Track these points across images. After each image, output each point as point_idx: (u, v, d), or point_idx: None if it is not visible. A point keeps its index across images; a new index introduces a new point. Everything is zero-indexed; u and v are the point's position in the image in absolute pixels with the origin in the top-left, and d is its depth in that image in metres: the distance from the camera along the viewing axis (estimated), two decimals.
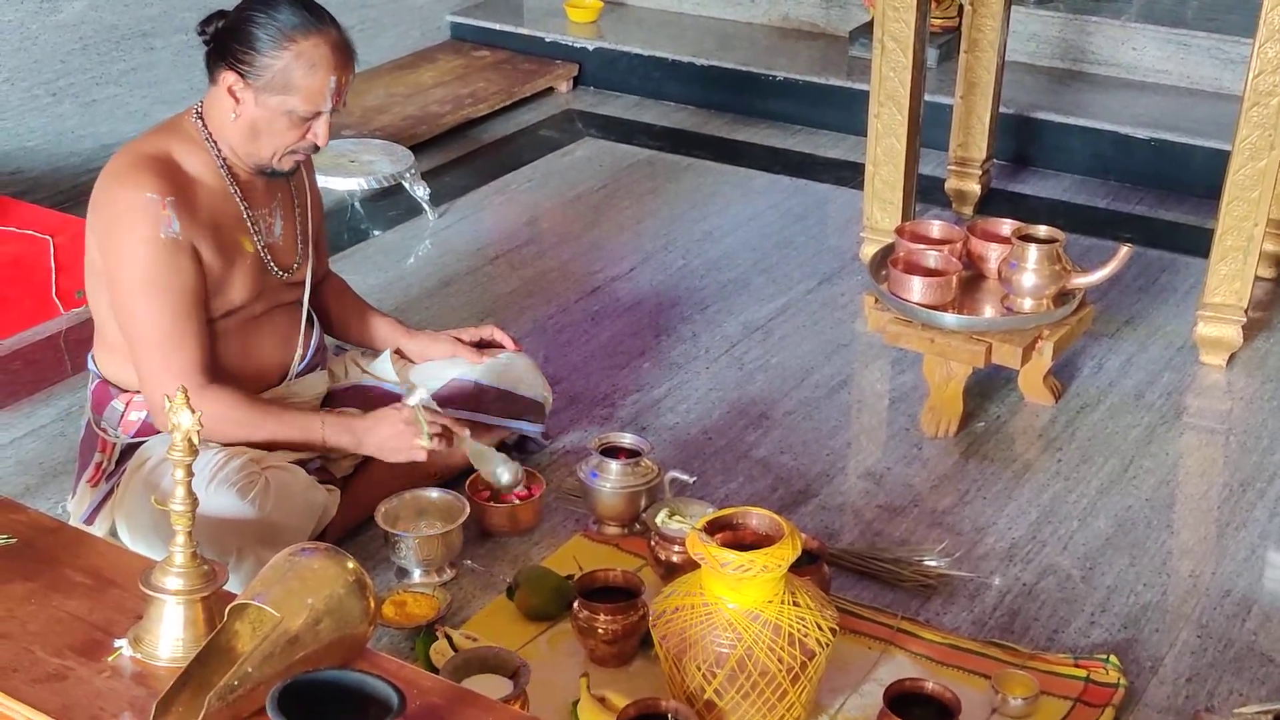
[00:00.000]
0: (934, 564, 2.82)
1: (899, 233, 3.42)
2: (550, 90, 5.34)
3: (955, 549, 2.89)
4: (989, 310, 3.28)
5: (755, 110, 5.13)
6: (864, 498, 3.08)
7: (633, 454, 2.91)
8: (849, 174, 4.57)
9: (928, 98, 3.91)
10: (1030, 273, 3.20)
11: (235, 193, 2.69)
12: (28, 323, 3.45)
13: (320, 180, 3.06)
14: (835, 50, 5.29)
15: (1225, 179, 3.44)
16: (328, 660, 1.81)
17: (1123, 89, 4.92)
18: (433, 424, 2.72)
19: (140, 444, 2.70)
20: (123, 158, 2.62)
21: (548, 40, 5.46)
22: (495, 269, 4.07)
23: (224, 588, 1.93)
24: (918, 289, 3.22)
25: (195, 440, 1.85)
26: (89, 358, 2.80)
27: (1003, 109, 4.37)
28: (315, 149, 2.69)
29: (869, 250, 3.85)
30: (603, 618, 2.48)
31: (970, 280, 3.36)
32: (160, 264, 2.56)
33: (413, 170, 4.36)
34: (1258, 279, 3.57)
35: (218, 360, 2.69)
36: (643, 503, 2.88)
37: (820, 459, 3.20)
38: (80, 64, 4.31)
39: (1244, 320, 3.53)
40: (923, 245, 3.34)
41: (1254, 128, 3.36)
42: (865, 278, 3.62)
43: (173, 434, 1.85)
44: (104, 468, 2.74)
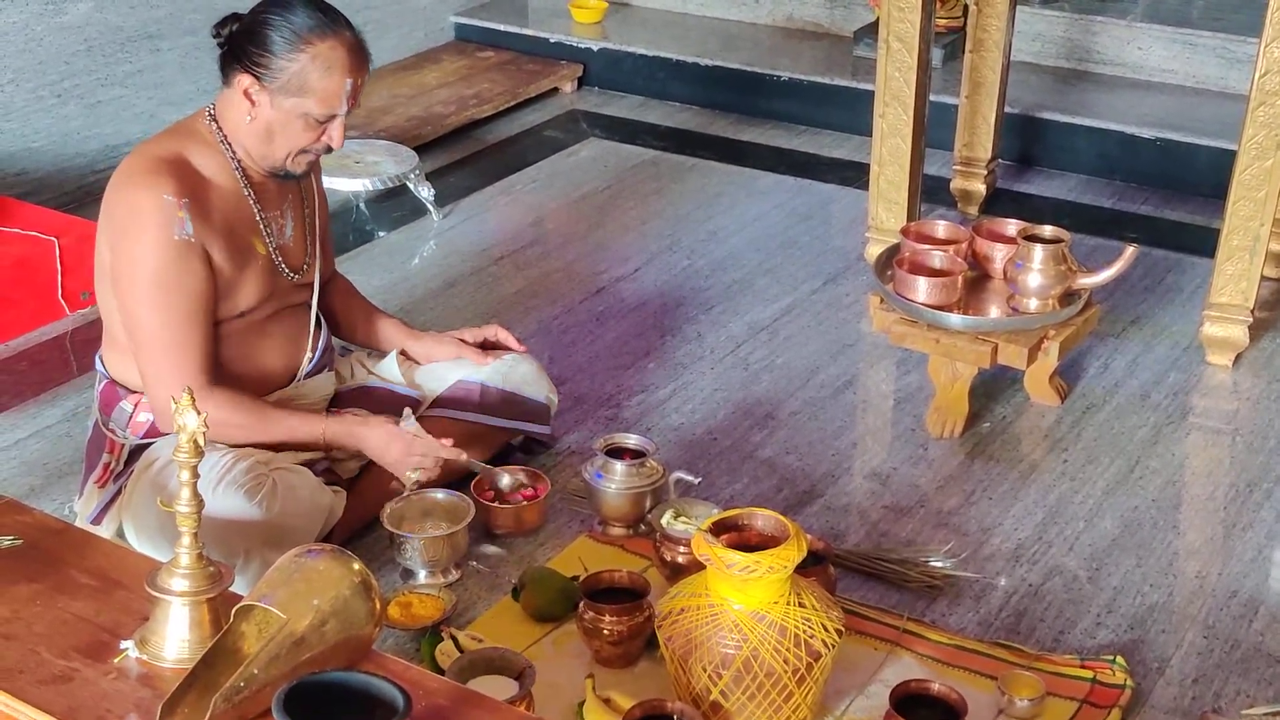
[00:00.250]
0: (940, 565, 2.82)
1: (904, 233, 3.41)
2: (555, 91, 5.34)
3: (961, 550, 2.88)
4: (994, 310, 3.28)
5: (760, 110, 5.13)
6: (869, 498, 3.07)
7: (638, 455, 2.91)
8: (854, 174, 4.56)
9: (933, 98, 3.91)
10: (1036, 273, 3.19)
11: (249, 195, 2.69)
12: (33, 324, 3.45)
13: (325, 181, 3.06)
14: (840, 50, 5.28)
15: (1231, 179, 3.43)
16: (333, 662, 1.81)
17: (1128, 89, 4.92)
18: (424, 458, 2.74)
19: (148, 445, 2.70)
20: (137, 159, 2.61)
21: (552, 41, 5.46)
22: (500, 270, 4.07)
23: (230, 589, 1.93)
24: (923, 289, 3.22)
25: (201, 442, 1.85)
26: (97, 358, 2.80)
27: (1008, 109, 4.36)
28: (329, 150, 2.69)
29: (874, 250, 3.84)
30: (608, 619, 2.48)
31: (975, 280, 3.36)
32: (171, 266, 2.56)
33: (417, 171, 4.36)
34: (1264, 279, 3.56)
35: (227, 362, 2.69)
36: (648, 504, 2.87)
37: (825, 459, 3.20)
38: (85, 65, 4.31)
39: (1250, 320, 3.52)
40: (928, 245, 3.34)
41: (1260, 127, 3.36)
42: (870, 278, 3.62)
43: (179, 435, 1.85)
44: (112, 468, 2.74)
